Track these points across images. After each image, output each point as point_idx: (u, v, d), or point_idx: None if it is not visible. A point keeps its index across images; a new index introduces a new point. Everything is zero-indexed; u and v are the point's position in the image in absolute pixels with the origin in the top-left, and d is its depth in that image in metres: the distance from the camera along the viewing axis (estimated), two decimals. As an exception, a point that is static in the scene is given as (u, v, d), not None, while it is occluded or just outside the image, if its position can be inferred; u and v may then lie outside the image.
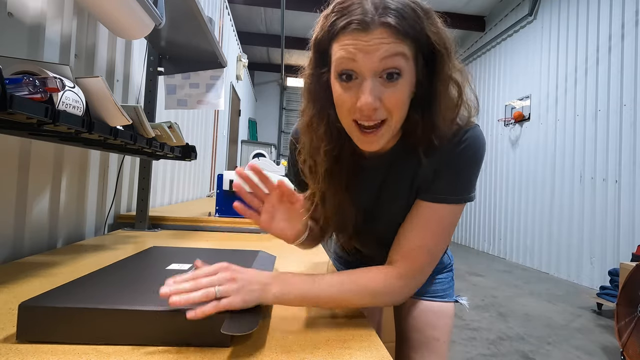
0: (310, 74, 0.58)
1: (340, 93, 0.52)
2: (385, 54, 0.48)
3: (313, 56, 0.57)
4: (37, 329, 0.43)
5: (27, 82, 0.53)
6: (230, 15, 4.40)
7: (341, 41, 0.50)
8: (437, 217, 0.57)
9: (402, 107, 0.52)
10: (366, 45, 0.48)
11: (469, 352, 2.20)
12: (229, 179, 1.50)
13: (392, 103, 0.50)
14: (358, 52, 0.48)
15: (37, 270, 0.76)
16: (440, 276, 0.87)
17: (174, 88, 1.58)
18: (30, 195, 0.95)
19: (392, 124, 0.52)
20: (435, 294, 0.85)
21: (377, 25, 0.48)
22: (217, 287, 0.45)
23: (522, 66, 5.10)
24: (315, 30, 0.55)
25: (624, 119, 3.53)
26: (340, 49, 0.50)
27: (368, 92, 0.49)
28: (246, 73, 6.25)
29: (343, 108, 0.53)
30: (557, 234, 4.31)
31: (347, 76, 0.50)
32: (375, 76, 0.49)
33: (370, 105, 0.49)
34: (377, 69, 0.49)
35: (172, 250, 0.82)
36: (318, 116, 0.59)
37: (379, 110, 0.50)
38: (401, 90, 0.50)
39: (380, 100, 0.50)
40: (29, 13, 0.91)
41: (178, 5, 1.12)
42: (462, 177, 0.57)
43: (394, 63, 0.48)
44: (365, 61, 0.48)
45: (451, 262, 0.92)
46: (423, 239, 0.57)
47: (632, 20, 3.51)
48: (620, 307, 2.04)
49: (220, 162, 4.17)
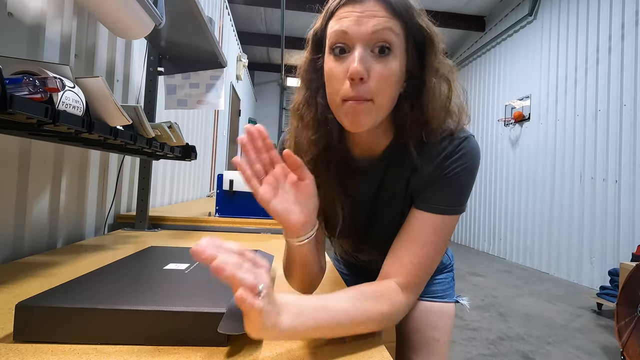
0: (307, 59, 0.59)
1: (332, 67, 0.52)
2: (377, 26, 0.49)
3: (310, 45, 0.58)
4: (35, 328, 0.43)
5: (27, 82, 0.53)
6: (230, 15, 4.40)
7: (336, 15, 0.51)
8: (434, 227, 0.56)
9: (389, 86, 0.51)
10: (359, 15, 0.49)
11: (469, 352, 2.20)
12: (229, 179, 1.50)
13: (380, 78, 0.49)
14: (350, 22, 0.49)
15: (37, 270, 0.76)
16: (440, 276, 0.86)
17: (174, 88, 1.58)
18: (30, 195, 0.95)
19: (378, 103, 0.51)
20: (435, 294, 0.85)
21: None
22: (262, 285, 0.38)
23: (522, 66, 5.10)
24: (314, 23, 0.57)
25: (624, 119, 3.53)
26: (335, 23, 0.51)
27: (358, 60, 0.48)
28: (246, 73, 6.25)
29: (332, 83, 0.52)
30: (557, 234, 4.30)
31: (340, 50, 0.51)
32: (367, 47, 0.50)
33: (359, 73, 0.48)
34: (368, 40, 0.49)
35: (169, 250, 0.82)
36: (308, 100, 0.58)
37: (367, 85, 0.49)
38: (390, 67, 0.50)
39: (368, 73, 0.49)
40: (29, 13, 0.92)
41: (178, 5, 1.12)
42: (459, 187, 0.56)
43: (384, 36, 0.49)
44: (357, 31, 0.49)
45: (451, 262, 0.91)
46: (421, 251, 0.55)
47: (632, 20, 3.51)
48: (620, 307, 2.04)
49: (220, 162, 4.17)
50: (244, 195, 1.51)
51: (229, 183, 1.50)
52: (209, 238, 0.38)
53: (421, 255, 0.55)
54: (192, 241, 1.21)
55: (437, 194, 0.56)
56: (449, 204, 0.56)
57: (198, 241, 0.37)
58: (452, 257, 0.92)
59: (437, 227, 0.56)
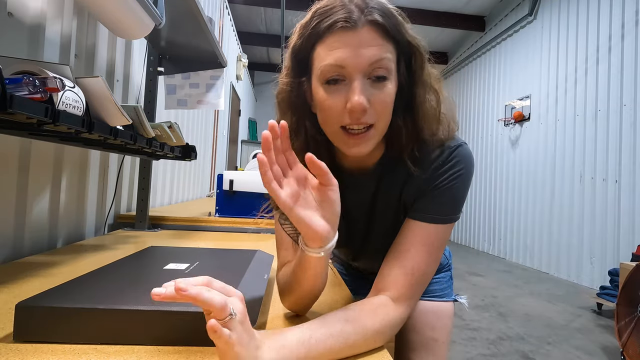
0: (288, 82, 0.55)
1: (326, 98, 0.50)
2: (375, 57, 0.47)
3: (290, 65, 0.54)
4: (35, 328, 0.43)
5: (27, 82, 0.53)
6: (230, 15, 4.41)
7: (327, 43, 0.49)
8: (428, 237, 0.55)
9: (389, 111, 0.51)
10: (355, 45, 0.47)
11: (469, 352, 2.20)
12: (229, 179, 1.50)
13: (381, 105, 0.49)
14: (346, 54, 0.47)
15: (37, 270, 0.76)
16: (437, 276, 0.86)
17: (174, 88, 1.58)
18: (30, 195, 0.95)
19: (379, 129, 0.51)
20: (433, 293, 0.84)
21: (364, 23, 0.47)
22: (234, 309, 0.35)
23: (522, 66, 5.10)
24: (292, 39, 0.54)
25: (624, 119, 3.53)
26: (327, 53, 0.48)
27: (359, 92, 0.47)
28: (246, 73, 6.25)
29: (330, 113, 0.50)
30: (557, 234, 4.30)
31: (334, 81, 0.49)
32: (365, 77, 0.48)
33: (362, 105, 0.47)
34: (366, 71, 0.48)
35: (169, 250, 0.82)
36: (296, 128, 0.56)
37: (368, 112, 0.49)
38: (388, 93, 0.50)
39: (369, 102, 0.48)
40: (29, 13, 0.92)
41: (178, 5, 1.12)
42: (453, 196, 0.56)
43: (382, 65, 0.48)
44: (355, 64, 0.47)
45: (449, 262, 0.91)
46: (415, 262, 0.54)
47: (632, 20, 3.51)
48: (620, 307, 2.04)
49: (220, 162, 4.17)
50: (244, 195, 1.51)
51: (229, 183, 1.50)
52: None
53: (415, 267, 0.54)
54: (192, 241, 1.21)
55: (430, 204, 0.56)
56: (443, 213, 0.55)
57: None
58: (449, 256, 0.91)
59: (431, 237, 0.55)
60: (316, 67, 0.51)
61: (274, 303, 0.64)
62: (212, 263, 0.70)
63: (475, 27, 6.01)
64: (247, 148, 6.41)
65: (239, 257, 0.76)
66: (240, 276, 0.61)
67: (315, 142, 0.56)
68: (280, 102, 0.57)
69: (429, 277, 0.56)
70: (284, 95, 0.56)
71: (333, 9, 0.48)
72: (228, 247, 1.07)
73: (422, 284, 0.55)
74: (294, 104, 0.55)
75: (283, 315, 0.58)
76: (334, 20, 0.47)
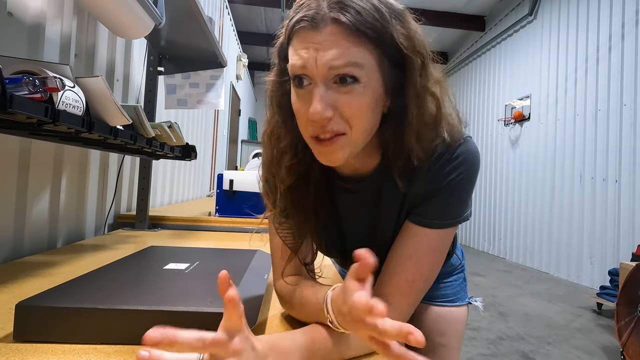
0: (273, 82, 0.52)
1: (295, 102, 0.46)
2: (335, 62, 0.41)
3: (277, 65, 0.51)
4: (35, 328, 0.43)
5: (27, 82, 0.53)
6: (230, 15, 4.40)
7: (294, 42, 0.44)
8: (430, 243, 0.52)
9: (363, 117, 0.44)
10: (316, 47, 0.42)
11: (469, 352, 2.19)
12: (229, 178, 1.50)
13: (350, 111, 0.43)
14: (307, 56, 0.42)
15: (37, 270, 0.76)
16: (450, 279, 0.81)
17: (174, 88, 1.58)
18: (30, 195, 0.95)
19: (353, 136, 0.45)
20: (445, 298, 0.80)
21: (327, 22, 0.41)
22: (203, 356, 0.34)
23: (522, 66, 5.10)
24: (278, 35, 0.50)
25: (624, 119, 3.53)
26: (292, 54, 0.44)
27: (317, 100, 0.42)
28: (246, 73, 6.25)
29: (300, 120, 0.47)
30: (557, 234, 4.30)
31: (299, 80, 0.44)
32: (328, 81, 0.43)
33: (320, 114, 0.42)
34: (327, 75, 0.42)
35: (169, 249, 0.82)
36: (283, 126, 0.52)
37: (334, 120, 0.43)
38: (359, 97, 0.43)
39: (335, 108, 0.43)
40: (29, 13, 0.91)
41: (178, 5, 1.12)
42: (457, 198, 0.52)
43: (345, 71, 0.42)
44: (313, 67, 0.42)
45: (462, 263, 0.85)
46: (415, 270, 0.51)
47: (632, 20, 3.51)
48: (620, 307, 2.04)
49: (220, 162, 4.17)
50: (244, 195, 1.51)
51: (229, 183, 1.50)
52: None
53: (418, 274, 0.51)
54: (192, 241, 1.21)
55: (433, 207, 0.52)
56: (447, 217, 0.52)
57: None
58: (462, 257, 0.86)
59: (433, 243, 0.52)
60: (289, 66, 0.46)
61: (274, 303, 0.64)
62: (212, 263, 0.70)
63: (475, 27, 6.01)
64: (247, 148, 6.41)
65: (239, 257, 0.76)
66: (240, 276, 0.61)
67: (305, 145, 0.50)
68: (268, 101, 0.54)
69: (432, 281, 0.54)
70: (271, 94, 0.53)
71: (303, 5, 0.43)
72: (228, 247, 1.07)
73: (424, 290, 0.53)
74: (280, 104, 0.52)
75: (282, 315, 0.58)
76: (299, 18, 0.43)
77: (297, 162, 0.52)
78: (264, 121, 0.57)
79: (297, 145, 0.52)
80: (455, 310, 0.79)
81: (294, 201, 0.54)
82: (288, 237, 0.58)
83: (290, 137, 0.52)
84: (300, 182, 0.54)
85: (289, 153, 0.52)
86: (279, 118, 0.53)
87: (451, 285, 0.81)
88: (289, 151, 0.52)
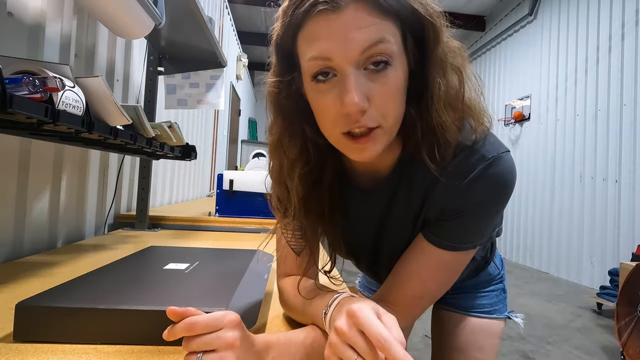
0: (276, 82, 0.46)
1: (318, 99, 0.41)
2: (367, 42, 0.37)
3: (276, 61, 0.46)
4: (35, 328, 0.43)
5: (27, 82, 0.53)
6: (230, 15, 4.40)
7: (307, 32, 0.40)
8: (443, 263, 0.47)
9: (396, 105, 0.41)
10: (341, 30, 0.37)
11: (469, 352, 2.19)
12: (229, 178, 1.50)
13: (384, 101, 0.40)
14: (331, 44, 0.38)
15: (37, 270, 0.76)
16: (487, 289, 0.77)
17: (174, 88, 1.58)
18: (30, 195, 0.95)
19: (387, 127, 0.41)
20: (482, 308, 0.75)
21: (349, 0, 0.37)
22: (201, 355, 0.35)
23: (522, 66, 5.10)
24: (275, 30, 0.44)
25: (624, 119, 3.52)
26: (308, 45, 0.40)
27: (353, 89, 0.38)
28: (246, 73, 6.24)
29: (325, 118, 0.42)
30: (557, 234, 4.30)
31: (322, 74, 0.40)
32: (359, 68, 0.39)
33: (357, 105, 0.38)
34: (359, 60, 0.38)
35: (169, 250, 0.82)
36: (289, 132, 0.48)
37: (369, 113, 0.39)
38: (392, 83, 0.40)
39: (369, 99, 0.39)
40: (29, 13, 0.91)
41: (178, 5, 1.12)
42: (480, 222, 0.46)
43: (379, 50, 0.38)
44: (343, 54, 0.38)
45: (501, 273, 0.79)
46: (423, 287, 0.48)
47: (632, 20, 3.51)
48: (620, 307, 2.04)
49: (220, 162, 4.17)
50: (244, 195, 1.51)
51: (229, 183, 1.50)
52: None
53: (423, 291, 0.49)
54: (192, 241, 1.21)
55: (451, 229, 0.47)
56: (465, 241, 0.47)
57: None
58: (502, 267, 0.80)
59: (447, 264, 0.48)
60: (302, 64, 0.42)
61: (274, 303, 0.64)
62: (212, 263, 0.70)
63: (475, 26, 6.00)
64: (247, 148, 6.41)
65: (239, 257, 0.76)
66: (240, 276, 0.61)
67: (317, 148, 0.48)
68: (270, 105, 0.49)
69: (438, 297, 0.52)
70: (272, 97, 0.47)
71: None
72: (228, 247, 1.07)
73: (430, 303, 0.52)
74: (284, 107, 0.47)
75: (283, 315, 0.58)
76: (312, 2, 0.37)
77: (308, 170, 0.49)
78: (265, 127, 0.52)
79: (308, 150, 0.48)
80: (493, 323, 0.75)
81: (309, 210, 0.51)
82: (295, 238, 0.56)
83: (300, 144, 0.48)
84: (314, 189, 0.51)
85: (300, 161, 0.48)
86: (282, 124, 0.48)
87: (489, 296, 0.77)
88: (299, 159, 0.48)
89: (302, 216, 0.51)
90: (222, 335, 0.35)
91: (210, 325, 0.35)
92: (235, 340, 0.36)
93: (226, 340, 0.35)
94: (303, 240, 0.55)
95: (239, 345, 0.36)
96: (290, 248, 0.56)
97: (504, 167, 0.44)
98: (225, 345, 0.35)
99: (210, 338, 0.35)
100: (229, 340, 0.35)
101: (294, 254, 0.57)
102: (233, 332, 0.36)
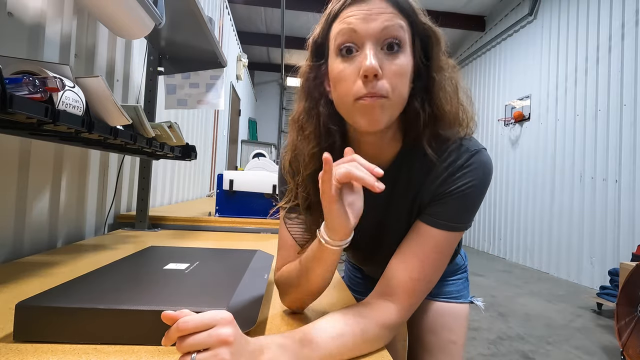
0: (309, 66, 0.57)
1: (341, 69, 0.50)
2: (386, 22, 0.48)
3: (311, 51, 0.56)
4: (35, 328, 0.43)
5: (27, 82, 0.53)
6: (230, 15, 4.40)
7: (341, 17, 0.50)
8: (436, 244, 0.54)
9: (402, 82, 0.49)
10: (366, 13, 0.48)
11: (469, 352, 2.19)
12: (229, 179, 1.50)
13: (394, 75, 0.48)
14: (358, 20, 0.48)
15: (37, 270, 0.76)
16: (454, 277, 0.85)
17: (174, 88, 1.58)
18: (30, 195, 0.95)
19: (394, 100, 0.49)
20: (449, 295, 0.83)
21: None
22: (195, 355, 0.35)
23: (522, 66, 5.10)
24: (313, 31, 0.56)
25: (624, 119, 3.53)
26: (340, 24, 0.50)
27: (372, 55, 0.47)
28: (246, 73, 6.25)
29: (343, 85, 0.50)
30: (557, 234, 4.30)
31: (347, 50, 0.49)
32: (377, 44, 0.48)
33: (374, 69, 0.46)
34: (378, 37, 0.48)
35: (169, 250, 0.82)
36: (308, 113, 0.56)
37: (381, 83, 0.48)
38: (402, 63, 0.49)
39: (381, 70, 0.48)
40: (29, 13, 0.91)
41: (178, 5, 1.12)
42: (466, 204, 0.54)
43: (394, 32, 0.48)
44: (366, 28, 0.48)
45: (465, 263, 0.90)
46: (420, 268, 0.53)
47: (632, 20, 3.51)
48: (620, 307, 2.04)
49: (220, 162, 4.17)
50: (244, 195, 1.51)
51: (229, 183, 1.50)
52: None
53: (422, 273, 0.53)
54: (192, 241, 1.21)
55: (443, 209, 0.54)
56: (455, 221, 0.54)
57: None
58: (465, 258, 0.91)
59: (439, 243, 0.54)
60: (332, 43, 0.52)
61: (274, 303, 0.64)
62: (212, 263, 0.70)
63: (475, 27, 6.01)
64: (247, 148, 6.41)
65: (239, 257, 0.76)
66: (240, 276, 0.61)
67: (328, 132, 0.55)
68: (301, 88, 0.58)
69: (434, 283, 0.55)
70: (304, 78, 0.57)
71: None
72: (228, 247, 1.07)
73: (427, 290, 0.55)
74: (311, 88, 0.56)
75: (283, 315, 0.58)
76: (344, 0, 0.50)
77: (319, 150, 0.55)
78: (295, 101, 0.61)
79: (322, 132, 0.56)
80: (459, 307, 0.83)
81: (315, 188, 0.55)
82: (298, 231, 0.60)
83: (314, 125, 0.56)
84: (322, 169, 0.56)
85: (312, 141, 0.56)
86: (305, 104, 0.57)
87: (455, 284, 0.85)
88: (312, 138, 0.56)
89: (310, 191, 0.57)
90: (215, 332, 0.36)
91: (201, 324, 0.35)
92: (228, 336, 0.36)
93: (219, 337, 0.35)
94: (307, 233, 0.60)
95: (232, 341, 0.36)
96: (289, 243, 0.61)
97: (485, 159, 0.55)
98: (218, 342, 0.35)
99: (202, 336, 0.35)
100: (221, 337, 0.35)
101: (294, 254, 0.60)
102: (226, 329, 0.36)
